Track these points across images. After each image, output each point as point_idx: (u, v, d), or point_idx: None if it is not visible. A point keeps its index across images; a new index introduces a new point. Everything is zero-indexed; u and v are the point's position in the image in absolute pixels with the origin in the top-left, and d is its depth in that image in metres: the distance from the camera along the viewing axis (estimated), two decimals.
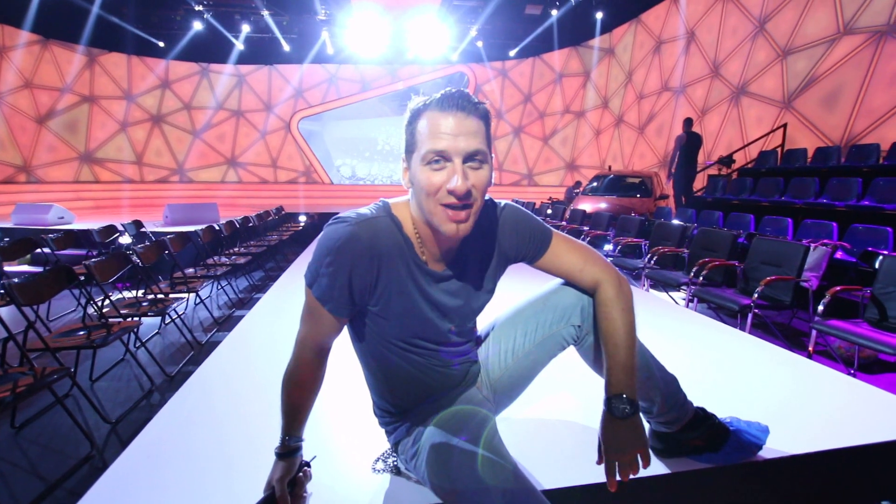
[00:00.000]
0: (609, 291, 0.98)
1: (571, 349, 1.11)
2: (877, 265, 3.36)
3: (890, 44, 5.36)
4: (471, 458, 0.86)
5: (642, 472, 1.12)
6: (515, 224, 1.02)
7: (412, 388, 1.02)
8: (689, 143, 6.77)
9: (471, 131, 0.84)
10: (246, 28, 11.62)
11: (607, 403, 0.93)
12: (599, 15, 11.10)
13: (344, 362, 1.32)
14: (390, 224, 0.91)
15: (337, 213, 0.92)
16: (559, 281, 1.08)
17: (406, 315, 0.94)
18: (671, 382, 1.09)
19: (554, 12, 11.12)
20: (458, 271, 0.98)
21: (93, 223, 6.26)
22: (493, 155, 0.90)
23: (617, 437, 0.91)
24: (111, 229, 4.94)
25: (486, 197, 1.01)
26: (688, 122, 6.88)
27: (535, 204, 9.29)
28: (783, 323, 3.62)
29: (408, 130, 0.89)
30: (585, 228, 5.84)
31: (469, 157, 0.84)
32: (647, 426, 1.19)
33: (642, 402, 1.11)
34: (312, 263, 0.90)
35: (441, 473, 0.88)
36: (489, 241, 1.01)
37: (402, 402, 1.03)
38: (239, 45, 12.34)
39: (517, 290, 1.18)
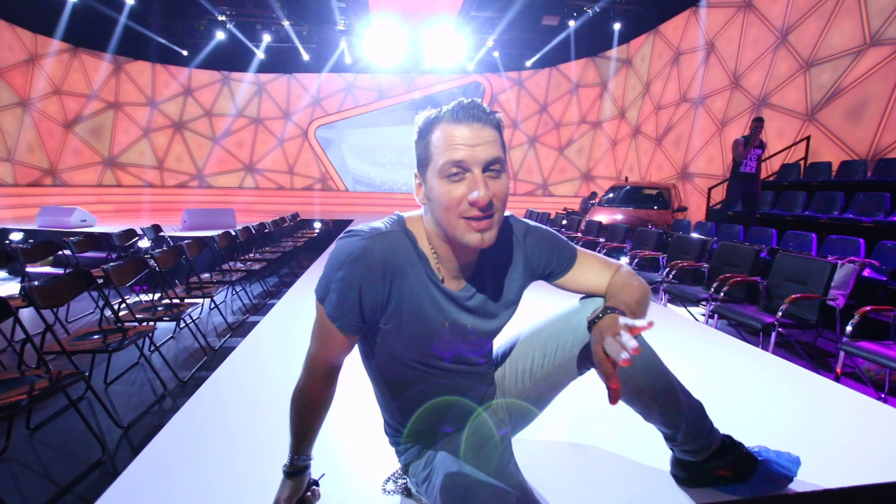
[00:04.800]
0: (622, 270, 1.02)
1: (592, 371, 1.07)
2: None
3: None
4: (486, 486, 0.82)
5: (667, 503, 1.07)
6: (547, 239, 1.01)
7: (424, 408, 0.98)
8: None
9: (488, 140, 0.82)
10: (267, 38, 11.87)
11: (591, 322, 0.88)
12: (617, 26, 11.07)
13: (354, 377, 1.29)
14: (405, 239, 0.88)
15: (351, 222, 0.89)
16: (579, 301, 1.04)
17: (420, 334, 0.90)
18: (697, 409, 1.04)
19: (571, 23, 11.12)
20: (478, 288, 0.94)
21: (113, 226, 6.39)
22: (507, 163, 0.88)
23: (600, 328, 0.83)
24: (131, 233, 5.03)
25: (509, 213, 0.98)
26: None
27: (549, 214, 9.21)
28: (808, 342, 3.50)
29: (420, 145, 0.86)
30: (601, 240, 5.76)
31: (487, 167, 0.82)
32: (670, 454, 1.15)
33: (666, 430, 1.06)
34: (323, 278, 0.87)
35: (455, 501, 0.84)
36: (513, 256, 0.98)
37: (414, 422, 1.00)
38: (259, 54, 12.60)
39: (536, 308, 1.15)
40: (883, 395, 2.56)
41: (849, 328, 2.49)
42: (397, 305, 0.87)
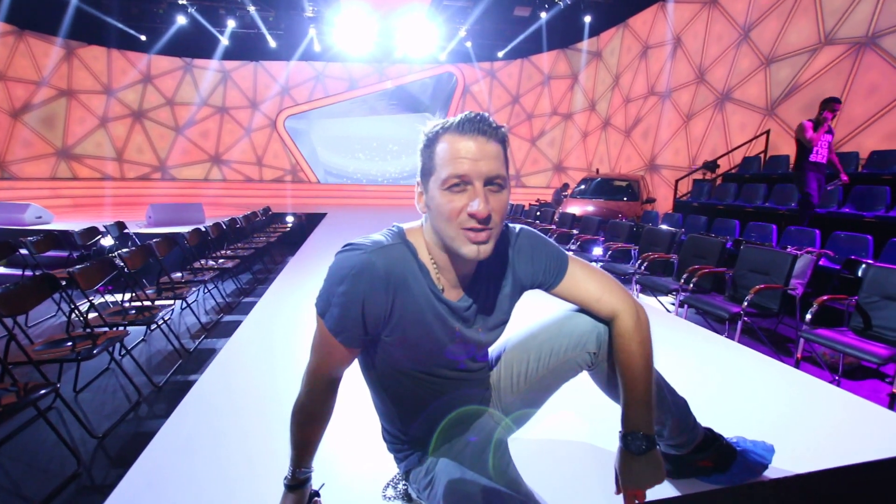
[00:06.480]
0: (627, 323, 0.96)
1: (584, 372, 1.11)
2: (860, 274, 3.46)
3: (868, 55, 5.52)
4: (489, 492, 0.84)
5: (650, 495, 1.13)
6: (531, 251, 0.99)
7: (424, 416, 0.99)
8: None
9: (491, 155, 0.83)
10: (231, 23, 11.40)
11: (623, 439, 0.93)
12: (588, 18, 11.20)
13: (351, 383, 1.29)
14: (405, 251, 0.89)
15: (325, 215, 0.89)
16: (573, 305, 1.07)
17: (421, 344, 0.91)
18: (682, 406, 1.09)
19: (543, 14, 11.17)
20: (475, 299, 0.96)
21: (72, 223, 6.07)
22: (509, 179, 0.89)
23: (633, 472, 0.91)
24: (93, 231, 4.79)
25: (506, 222, 0.99)
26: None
27: (523, 206, 9.32)
28: (769, 328, 3.70)
29: (425, 154, 0.87)
30: (575, 232, 5.88)
31: (489, 181, 0.83)
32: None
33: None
34: (324, 292, 0.86)
35: None
36: (505, 267, 0.99)
37: (414, 429, 1.01)
38: (224, 41, 12.11)
39: (529, 313, 1.17)
40: (837, 378, 2.74)
41: (808, 316, 2.66)
42: (400, 317, 0.88)
